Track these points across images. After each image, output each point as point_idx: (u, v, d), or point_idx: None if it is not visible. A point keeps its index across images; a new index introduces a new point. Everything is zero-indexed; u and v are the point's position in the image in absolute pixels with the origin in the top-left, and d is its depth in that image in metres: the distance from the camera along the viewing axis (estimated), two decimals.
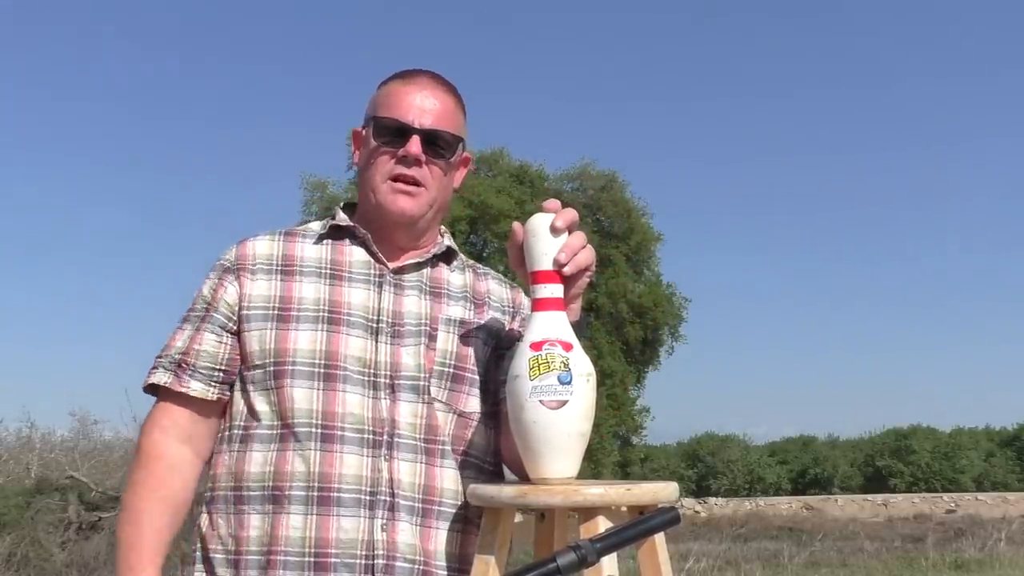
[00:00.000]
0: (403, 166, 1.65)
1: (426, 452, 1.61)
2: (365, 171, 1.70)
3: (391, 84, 1.71)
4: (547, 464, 1.43)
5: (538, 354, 1.44)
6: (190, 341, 1.66)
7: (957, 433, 43.52)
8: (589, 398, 1.45)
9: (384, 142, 1.66)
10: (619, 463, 24.22)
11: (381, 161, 1.66)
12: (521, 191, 22.48)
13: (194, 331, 1.66)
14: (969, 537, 16.21)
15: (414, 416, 1.62)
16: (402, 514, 1.57)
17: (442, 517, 1.61)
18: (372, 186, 1.67)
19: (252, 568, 1.57)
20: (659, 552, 1.43)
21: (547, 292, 1.48)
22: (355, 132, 1.74)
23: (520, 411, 1.44)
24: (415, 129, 1.64)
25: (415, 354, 1.64)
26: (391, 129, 1.65)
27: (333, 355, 1.60)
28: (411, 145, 1.64)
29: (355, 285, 1.67)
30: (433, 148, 1.66)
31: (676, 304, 24.42)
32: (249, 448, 1.60)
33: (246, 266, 1.68)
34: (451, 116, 1.69)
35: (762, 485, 41.24)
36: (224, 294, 1.66)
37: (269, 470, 1.58)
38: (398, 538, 1.56)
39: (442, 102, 1.68)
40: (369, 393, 1.60)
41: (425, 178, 1.66)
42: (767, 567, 12.86)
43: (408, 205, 1.66)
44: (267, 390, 1.61)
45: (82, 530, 12.20)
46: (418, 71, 1.71)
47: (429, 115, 1.66)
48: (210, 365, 1.65)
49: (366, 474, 1.57)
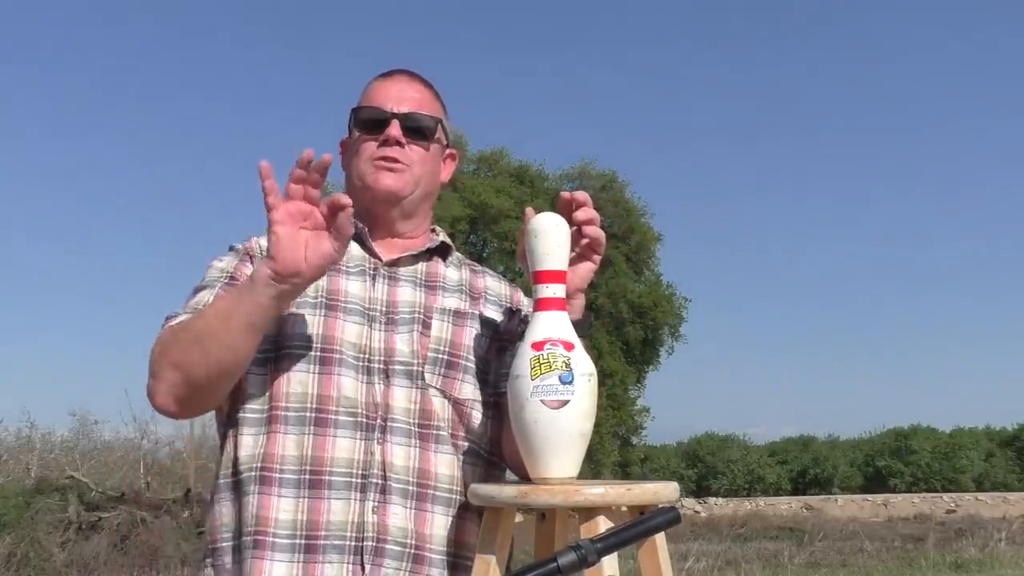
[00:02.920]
0: (385, 148, 1.70)
1: (420, 437, 1.62)
2: (351, 162, 1.75)
3: (370, 83, 1.78)
4: (548, 464, 1.44)
5: (539, 354, 1.44)
6: (212, 297, 1.64)
7: (957, 433, 43.56)
8: (590, 398, 1.45)
9: (366, 131, 1.72)
10: (619, 463, 24.22)
11: (364, 148, 1.72)
12: (521, 191, 22.48)
13: (219, 290, 1.66)
14: (969, 537, 16.23)
15: (408, 401, 1.63)
16: (395, 497, 1.58)
17: (438, 501, 1.61)
18: (358, 172, 1.72)
19: (246, 549, 1.57)
20: (659, 552, 1.42)
21: (549, 292, 1.48)
22: (342, 143, 1.80)
23: (521, 411, 1.44)
24: (393, 114, 1.70)
25: (409, 340, 1.65)
26: (371, 118, 1.72)
27: (330, 339, 1.62)
28: (391, 128, 1.70)
29: (351, 277, 1.69)
30: (413, 132, 1.72)
31: (676, 304, 24.42)
32: (243, 431, 1.61)
33: (256, 256, 1.70)
34: (429, 104, 1.76)
35: (762, 485, 41.26)
36: (245, 270, 1.68)
37: (260, 452, 1.59)
38: (389, 521, 1.57)
39: (419, 92, 1.76)
40: (363, 378, 1.62)
41: (407, 157, 1.71)
42: (767, 567, 12.87)
43: (391, 181, 1.70)
44: (265, 374, 1.62)
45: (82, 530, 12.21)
46: (396, 69, 1.79)
47: (407, 101, 1.73)
48: None
49: (358, 457, 1.58)
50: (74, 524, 12.21)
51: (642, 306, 23.43)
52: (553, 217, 1.49)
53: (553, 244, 1.48)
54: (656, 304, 23.58)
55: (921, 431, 42.96)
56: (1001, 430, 44.85)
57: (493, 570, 1.46)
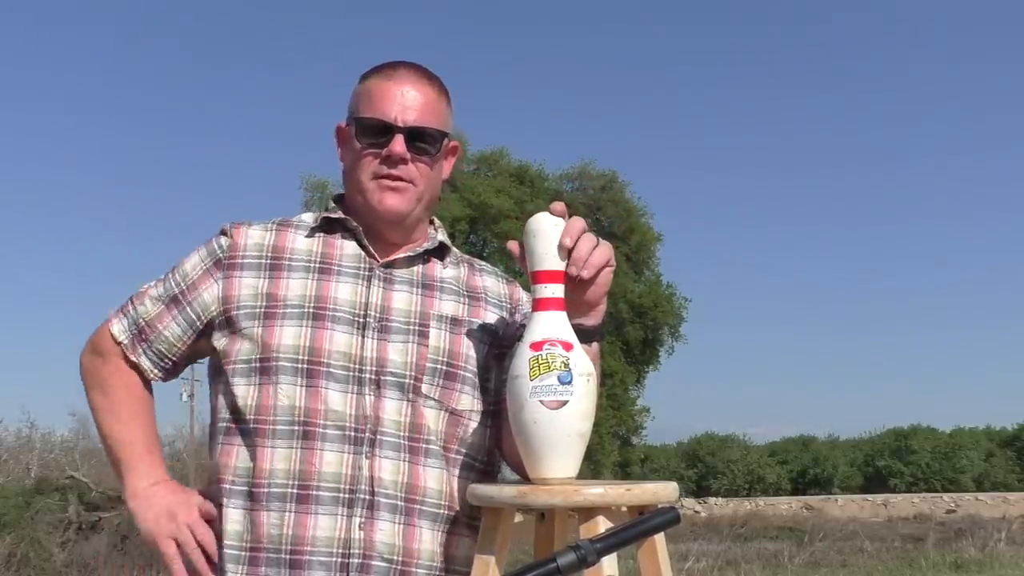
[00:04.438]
0: (388, 165, 1.64)
1: (410, 450, 1.60)
2: (352, 172, 1.68)
3: (371, 80, 1.67)
4: (547, 464, 1.43)
5: (538, 354, 1.43)
6: (157, 317, 1.68)
7: (957, 433, 43.54)
8: (589, 398, 1.45)
9: (368, 143, 1.64)
10: (619, 463, 24.23)
11: (366, 161, 1.65)
12: (521, 191, 22.49)
13: (164, 307, 1.68)
14: (969, 537, 16.21)
15: (399, 414, 1.60)
16: (383, 512, 1.56)
17: (425, 516, 1.59)
18: (360, 186, 1.66)
19: (232, 563, 1.57)
20: (659, 552, 1.42)
21: (548, 292, 1.47)
22: (339, 128, 1.72)
23: (520, 411, 1.44)
24: (398, 128, 1.62)
25: (403, 351, 1.62)
26: (374, 128, 1.63)
27: (317, 351, 1.59)
28: (395, 144, 1.62)
29: (343, 280, 1.65)
30: (417, 145, 1.64)
31: (676, 304, 24.43)
32: (231, 444, 1.60)
33: (236, 260, 1.66)
34: (434, 108, 1.66)
35: (762, 485, 41.25)
36: (205, 290, 1.66)
37: (249, 466, 1.58)
38: (376, 537, 1.55)
39: (424, 95, 1.65)
40: (353, 389, 1.59)
41: (411, 175, 1.65)
42: (767, 567, 12.87)
43: (396, 202, 1.65)
44: (251, 385, 1.60)
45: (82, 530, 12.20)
46: (398, 64, 1.68)
47: (412, 111, 1.63)
48: (164, 351, 1.69)
49: (346, 471, 1.56)
50: (74, 524, 12.21)
51: (642, 306, 23.44)
52: (551, 217, 1.48)
53: (552, 244, 1.47)
54: (656, 304, 23.59)
55: (921, 431, 42.94)
56: (1001, 430, 44.83)
57: (493, 570, 1.46)
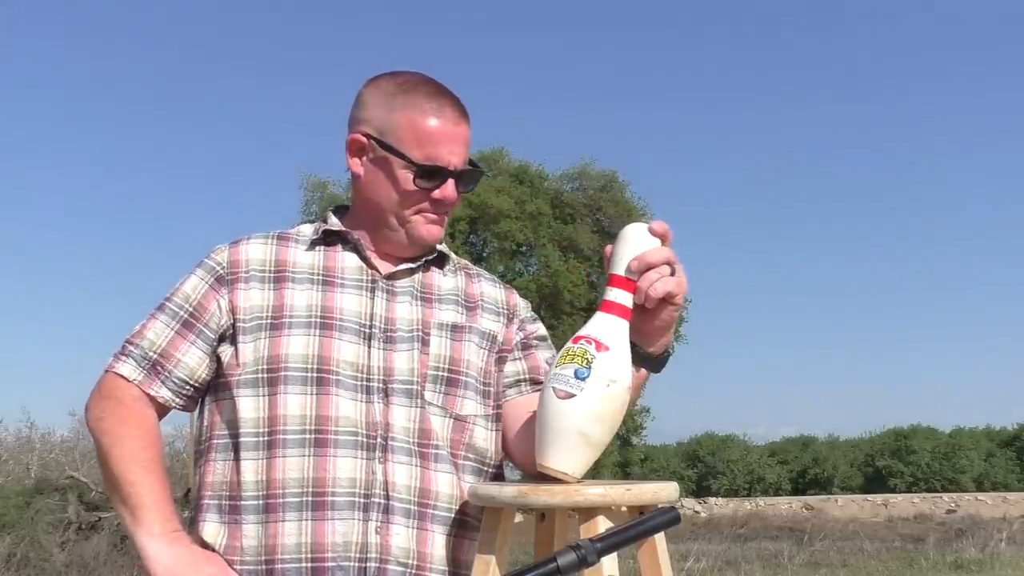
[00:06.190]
0: (437, 205, 1.67)
1: (420, 456, 1.61)
2: (391, 203, 1.67)
3: (414, 111, 1.65)
4: (543, 452, 1.44)
5: (571, 346, 1.44)
6: (170, 344, 1.64)
7: (957, 433, 43.53)
8: (605, 403, 1.43)
9: (421, 185, 1.65)
10: (619, 463, 24.26)
11: (412, 194, 1.65)
12: (521, 191, 22.49)
13: (175, 334, 1.64)
14: (969, 537, 16.21)
15: (408, 420, 1.61)
16: (397, 517, 1.57)
17: (437, 520, 1.61)
18: (402, 219, 1.67)
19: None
20: (659, 552, 1.42)
21: (611, 296, 1.47)
22: (355, 140, 1.68)
23: (540, 394, 1.47)
24: (451, 173, 1.66)
25: (408, 359, 1.64)
26: (428, 171, 1.64)
27: (326, 360, 1.60)
28: (447, 189, 1.66)
29: (347, 291, 1.66)
30: (464, 185, 1.70)
31: None
32: (240, 456, 1.59)
33: (239, 275, 1.66)
34: (470, 143, 1.71)
35: (762, 485, 41.24)
36: (215, 308, 1.65)
37: (262, 478, 1.57)
38: (391, 541, 1.56)
39: (466, 132, 1.69)
40: (362, 397, 1.60)
41: (451, 208, 1.71)
42: (767, 567, 12.87)
43: (438, 233, 1.70)
44: (259, 396, 1.60)
45: (82, 530, 12.20)
46: (443, 98, 1.67)
47: (458, 154, 1.66)
48: (185, 378, 1.64)
49: (360, 476, 1.57)
50: (74, 524, 12.21)
51: None
52: (644, 230, 1.48)
53: (632, 254, 1.47)
54: None
55: (921, 431, 42.93)
56: (1001, 430, 44.83)
57: (493, 570, 1.46)
